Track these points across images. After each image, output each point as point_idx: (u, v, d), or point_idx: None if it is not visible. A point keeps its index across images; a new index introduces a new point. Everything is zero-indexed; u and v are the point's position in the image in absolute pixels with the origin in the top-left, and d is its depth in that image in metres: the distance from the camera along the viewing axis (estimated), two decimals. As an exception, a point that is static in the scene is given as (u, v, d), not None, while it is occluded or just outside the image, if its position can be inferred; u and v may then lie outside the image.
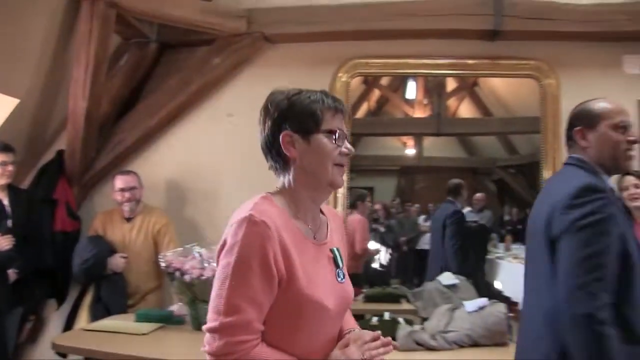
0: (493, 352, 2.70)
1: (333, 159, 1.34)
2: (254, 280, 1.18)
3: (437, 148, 4.67)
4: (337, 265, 1.38)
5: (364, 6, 3.64)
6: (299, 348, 1.27)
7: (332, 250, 1.39)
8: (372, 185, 4.45)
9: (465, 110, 4.54)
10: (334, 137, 1.33)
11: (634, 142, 1.85)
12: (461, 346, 2.76)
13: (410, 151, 4.64)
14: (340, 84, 3.77)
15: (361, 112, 4.36)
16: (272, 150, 1.34)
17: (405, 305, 3.67)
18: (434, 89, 4.28)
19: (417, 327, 2.92)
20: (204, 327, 1.23)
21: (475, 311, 2.90)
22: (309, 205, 1.37)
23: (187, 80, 3.80)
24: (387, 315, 3.04)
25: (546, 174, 3.69)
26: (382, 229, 4.56)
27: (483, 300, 2.97)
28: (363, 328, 1.58)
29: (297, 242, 1.28)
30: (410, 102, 4.34)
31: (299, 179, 1.34)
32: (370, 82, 4.20)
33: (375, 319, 3.01)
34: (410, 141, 4.67)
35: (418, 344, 2.74)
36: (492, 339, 2.80)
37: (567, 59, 3.80)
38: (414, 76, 3.98)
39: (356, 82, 3.91)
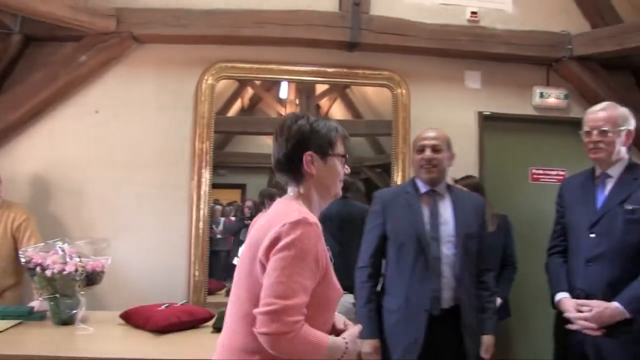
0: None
1: (340, 177, 1.69)
2: (306, 271, 1.45)
3: None
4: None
5: (231, 12, 3.85)
6: (321, 329, 1.53)
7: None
8: (245, 182, 4.60)
9: (338, 111, 4.77)
10: (343, 160, 1.69)
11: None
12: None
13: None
14: (206, 86, 3.95)
15: (234, 110, 4.47)
16: (292, 164, 1.63)
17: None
18: (303, 90, 4.47)
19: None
20: (258, 311, 1.43)
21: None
22: (317, 210, 1.67)
23: (53, 76, 3.82)
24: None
25: (396, 175, 4.07)
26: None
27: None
28: (219, 318, 1.90)
29: None
30: (282, 102, 4.52)
31: (315, 190, 1.65)
32: (243, 80, 4.32)
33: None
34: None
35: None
36: (338, 326, 3.11)
37: (416, 72, 4.23)
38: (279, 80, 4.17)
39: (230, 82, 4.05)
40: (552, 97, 4.38)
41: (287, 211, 1.53)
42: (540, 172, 4.44)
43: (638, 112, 4.10)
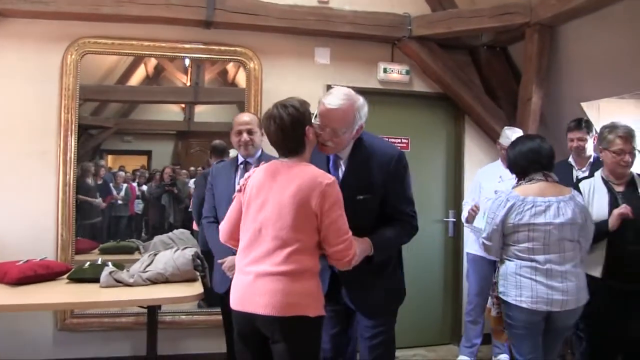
0: (181, 286, 3.53)
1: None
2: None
3: (210, 114, 5.19)
4: None
5: (92, -9, 4.23)
6: None
7: None
8: (150, 148, 4.95)
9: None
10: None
11: None
12: (154, 282, 3.57)
13: (180, 116, 5.10)
14: (71, 60, 4.34)
15: (137, 78, 4.82)
16: (298, 141, 2.32)
17: (138, 256, 4.39)
18: (194, 63, 4.81)
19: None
20: (340, 247, 2.24)
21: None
22: None
23: None
24: (99, 261, 3.79)
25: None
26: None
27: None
28: (77, 271, 3.22)
29: None
30: (185, 70, 4.89)
31: (307, 153, 2.36)
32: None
33: (87, 264, 3.74)
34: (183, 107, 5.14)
35: (118, 281, 3.50)
36: (182, 276, 3.65)
37: (269, 48, 4.76)
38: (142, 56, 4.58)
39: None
40: (395, 73, 5.01)
41: (315, 174, 2.23)
42: (386, 139, 5.06)
43: (472, 87, 4.85)
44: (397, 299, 2.70)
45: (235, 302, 2.28)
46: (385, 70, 4.96)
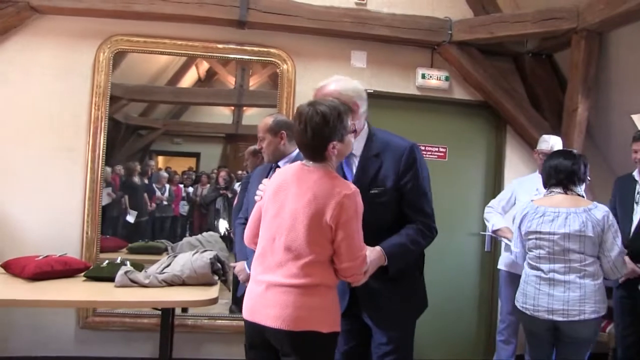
0: (197, 290, 3.44)
1: (352, 145, 2.27)
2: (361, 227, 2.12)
3: (258, 117, 4.95)
4: None
5: (125, -12, 4.22)
6: None
7: None
8: (199, 151, 4.92)
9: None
10: (353, 134, 2.25)
11: None
12: (171, 284, 3.50)
13: (229, 119, 5.03)
14: (103, 58, 4.33)
15: (189, 81, 4.81)
16: (317, 151, 2.13)
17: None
18: (239, 65, 4.75)
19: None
20: (351, 264, 2.10)
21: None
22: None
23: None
24: (118, 260, 3.73)
25: (281, 144, 4.49)
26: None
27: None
28: (94, 269, 3.31)
29: None
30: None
31: (335, 160, 2.18)
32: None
33: (106, 262, 3.70)
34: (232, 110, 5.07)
35: (133, 281, 3.43)
36: (199, 280, 3.57)
37: (303, 50, 4.66)
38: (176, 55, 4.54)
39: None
40: (434, 79, 4.83)
41: (335, 183, 2.07)
42: (422, 148, 4.87)
43: (514, 96, 4.65)
44: (415, 309, 2.52)
45: (247, 312, 2.19)
46: (423, 76, 4.80)
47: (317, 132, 2.08)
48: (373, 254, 2.23)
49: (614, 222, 2.91)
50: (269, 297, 2.08)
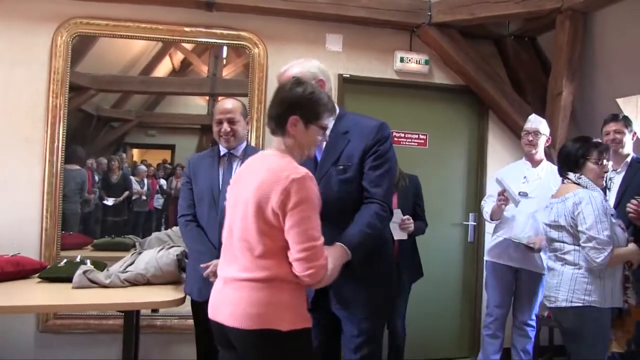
0: (162, 289, 3.19)
1: (315, 144, 2.08)
2: (317, 214, 1.90)
3: None
4: None
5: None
6: None
7: None
8: (174, 143, 4.69)
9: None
10: (322, 131, 2.07)
11: None
12: (134, 284, 3.23)
13: (204, 109, 4.81)
14: (61, 42, 4.03)
15: (164, 71, 4.55)
16: (280, 121, 2.00)
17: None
18: (211, 52, 4.51)
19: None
20: (300, 255, 1.86)
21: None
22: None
23: None
24: (77, 258, 3.46)
25: (250, 135, 4.24)
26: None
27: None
28: (50, 270, 2.98)
29: None
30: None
31: (294, 147, 2.02)
32: (169, 43, 4.37)
33: (64, 261, 3.43)
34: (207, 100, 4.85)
35: (92, 282, 3.16)
36: (165, 278, 3.32)
37: (275, 33, 4.39)
38: (140, 39, 4.24)
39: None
40: (413, 63, 4.60)
41: (284, 167, 1.89)
42: (401, 135, 4.68)
43: (497, 80, 4.43)
44: (384, 296, 2.40)
45: (209, 310, 2.06)
46: (402, 60, 4.56)
47: (284, 98, 2.01)
48: (335, 252, 2.08)
49: (587, 209, 2.75)
50: (226, 294, 1.97)
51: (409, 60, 4.60)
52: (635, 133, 3.58)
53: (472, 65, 4.61)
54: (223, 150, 3.04)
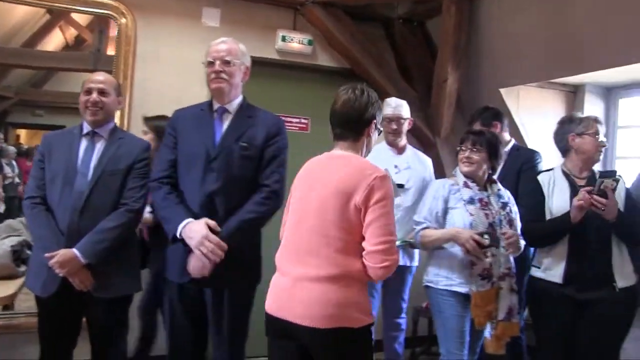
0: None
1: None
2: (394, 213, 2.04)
3: None
4: None
5: None
6: None
7: None
8: (65, 124, 4.03)
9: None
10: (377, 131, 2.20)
11: None
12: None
13: None
14: None
15: (54, 45, 4.16)
16: (361, 125, 2.13)
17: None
18: (96, 26, 4.13)
19: None
20: (379, 248, 1.94)
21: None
22: None
23: None
24: None
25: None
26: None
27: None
28: None
29: None
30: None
31: (364, 147, 2.17)
32: (56, 14, 3.97)
33: None
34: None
35: None
36: (-3, 272, 2.94)
37: (145, 3, 4.02)
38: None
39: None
40: (296, 42, 4.35)
41: (366, 165, 2.03)
42: (282, 119, 4.40)
43: (383, 65, 4.24)
44: (249, 284, 2.61)
45: (271, 306, 2.09)
46: (284, 39, 4.29)
47: (363, 106, 2.15)
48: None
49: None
50: (297, 292, 2.00)
51: (292, 39, 4.34)
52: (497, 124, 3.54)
53: (357, 47, 4.41)
54: (87, 127, 2.69)
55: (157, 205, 2.62)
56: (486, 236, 2.62)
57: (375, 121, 2.13)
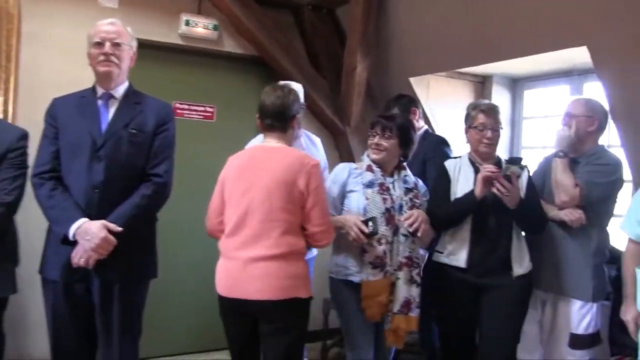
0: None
1: None
2: None
3: None
4: None
5: None
6: None
7: None
8: None
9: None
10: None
11: None
12: None
13: None
14: None
15: None
16: (283, 120, 2.43)
17: None
18: None
19: None
20: (323, 228, 2.33)
21: None
22: None
23: None
24: None
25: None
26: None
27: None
28: None
29: None
30: None
31: (291, 139, 2.56)
32: None
33: None
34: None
35: None
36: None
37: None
38: None
39: None
40: (200, 27, 4.14)
41: (301, 155, 2.36)
42: (185, 106, 4.20)
43: (291, 52, 4.09)
44: (143, 278, 2.53)
45: (224, 289, 2.29)
46: (188, 23, 4.07)
47: (290, 101, 2.41)
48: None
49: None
50: (251, 271, 2.21)
51: (196, 24, 4.12)
52: (416, 110, 3.46)
53: (265, 34, 4.25)
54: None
55: (43, 205, 2.36)
56: (370, 223, 2.46)
57: (298, 116, 2.44)
